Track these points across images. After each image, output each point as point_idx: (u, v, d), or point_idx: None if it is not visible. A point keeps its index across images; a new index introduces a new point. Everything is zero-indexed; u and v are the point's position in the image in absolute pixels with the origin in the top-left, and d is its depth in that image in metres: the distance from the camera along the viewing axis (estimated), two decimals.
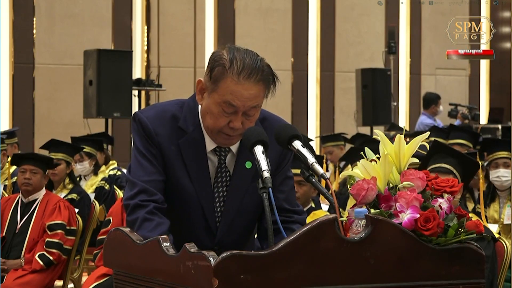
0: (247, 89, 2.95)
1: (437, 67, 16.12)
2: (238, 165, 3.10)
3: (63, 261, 6.34)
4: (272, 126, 3.12)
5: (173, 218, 3.05)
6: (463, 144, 8.55)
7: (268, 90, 3.03)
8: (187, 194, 3.06)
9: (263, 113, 3.15)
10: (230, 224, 3.11)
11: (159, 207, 3.00)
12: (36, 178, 6.40)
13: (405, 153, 2.75)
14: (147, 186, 3.02)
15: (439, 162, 4.81)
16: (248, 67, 2.96)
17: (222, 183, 3.10)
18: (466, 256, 2.61)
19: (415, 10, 15.97)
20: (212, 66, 3.00)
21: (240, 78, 2.95)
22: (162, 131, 3.05)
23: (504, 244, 4.64)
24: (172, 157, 3.05)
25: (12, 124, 12.48)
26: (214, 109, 2.99)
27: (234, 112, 2.97)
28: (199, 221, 3.09)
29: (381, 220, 2.53)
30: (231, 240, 3.10)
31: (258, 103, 3.00)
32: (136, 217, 2.97)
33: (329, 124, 14.96)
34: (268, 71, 3.02)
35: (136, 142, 3.09)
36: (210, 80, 3.00)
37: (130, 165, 3.13)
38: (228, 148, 3.10)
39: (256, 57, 3.00)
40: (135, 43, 13.52)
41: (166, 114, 3.09)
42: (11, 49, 12.68)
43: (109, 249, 2.91)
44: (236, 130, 3.00)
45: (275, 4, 14.65)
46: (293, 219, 3.16)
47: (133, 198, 3.02)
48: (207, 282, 2.41)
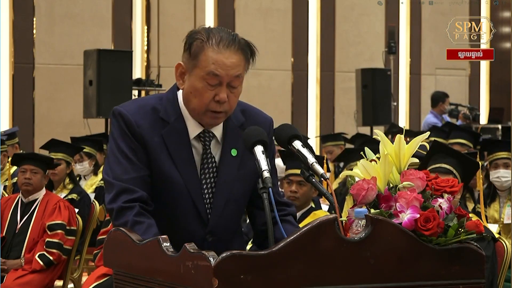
0: (228, 57, 2.98)
1: (437, 67, 16.12)
2: (224, 152, 3.11)
3: (63, 261, 6.34)
4: (252, 117, 3.16)
5: (163, 209, 3.05)
6: (464, 143, 8.56)
7: (248, 62, 3.04)
8: (174, 183, 3.04)
9: (242, 104, 3.17)
10: (221, 212, 3.09)
11: (144, 206, 2.98)
12: (37, 178, 6.40)
13: (405, 153, 2.75)
14: (126, 185, 2.99)
15: (439, 162, 4.81)
16: (226, 38, 3.00)
17: (209, 170, 3.09)
18: (466, 256, 2.61)
19: (415, 10, 15.97)
20: (189, 43, 3.02)
21: (220, 47, 2.98)
22: (143, 123, 3.04)
23: (504, 244, 4.64)
24: (156, 148, 3.04)
25: (12, 124, 12.47)
26: (198, 85, 3.00)
27: (218, 84, 2.98)
28: (189, 210, 3.07)
29: (381, 220, 2.53)
30: (223, 229, 3.10)
31: (240, 72, 3.01)
32: (125, 220, 2.95)
33: (329, 124, 14.96)
34: (244, 42, 3.05)
35: (114, 138, 3.06)
36: (190, 57, 3.02)
37: (106, 165, 3.10)
38: (212, 134, 3.10)
39: (231, 32, 3.05)
40: (135, 43, 13.53)
41: (146, 107, 3.08)
42: (11, 49, 12.68)
43: (109, 249, 2.90)
44: (222, 104, 2.99)
45: (275, 4, 14.65)
46: (286, 212, 3.18)
47: (115, 201, 2.99)
48: (207, 282, 2.41)
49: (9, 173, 7.66)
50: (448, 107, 13.44)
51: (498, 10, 16.10)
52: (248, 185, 3.12)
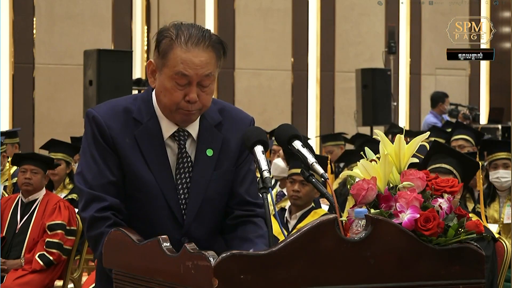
0: (197, 56, 2.89)
1: (437, 67, 16.12)
2: (199, 152, 3.04)
3: (63, 261, 6.34)
4: (231, 116, 3.10)
5: (138, 212, 3.00)
6: (467, 139, 8.55)
7: (219, 59, 2.96)
8: (148, 185, 2.98)
9: (221, 103, 3.11)
10: (196, 213, 3.03)
11: (116, 214, 2.94)
12: (37, 178, 6.40)
13: (405, 153, 2.74)
14: (96, 192, 2.94)
15: (439, 162, 4.82)
16: (195, 35, 2.91)
17: (184, 170, 3.02)
18: (466, 256, 2.60)
19: (415, 10, 15.97)
20: (158, 41, 2.94)
21: (189, 46, 2.89)
22: (114, 125, 2.97)
23: (504, 244, 4.64)
24: (128, 150, 2.97)
25: (12, 124, 12.48)
26: (168, 84, 2.92)
27: (188, 84, 2.90)
28: (164, 212, 3.00)
29: (381, 220, 2.53)
30: (198, 231, 3.03)
31: (211, 70, 2.92)
32: (99, 232, 2.91)
33: (329, 124, 14.96)
34: (216, 39, 2.95)
35: (86, 143, 3.01)
36: (159, 55, 2.93)
37: (77, 170, 3.04)
38: (188, 133, 3.03)
39: (202, 28, 2.96)
40: (135, 43, 13.53)
41: (118, 107, 3.01)
42: (11, 49, 12.68)
43: (109, 249, 2.90)
44: (193, 104, 2.92)
45: (275, 4, 14.65)
46: (255, 213, 3.10)
47: (87, 210, 2.94)
48: (207, 282, 2.41)
49: (9, 173, 7.66)
50: (448, 107, 13.44)
51: (498, 10, 16.11)
52: (224, 185, 3.06)
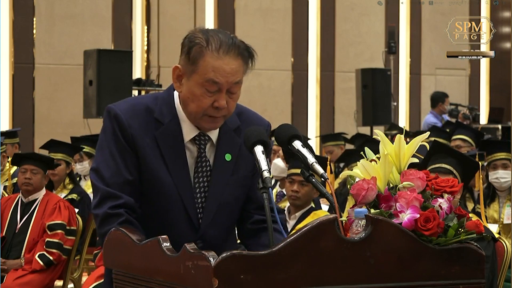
0: (228, 63, 2.90)
1: (437, 67, 16.12)
2: (218, 156, 3.04)
3: (63, 261, 6.34)
4: (248, 120, 3.10)
5: (153, 213, 2.99)
6: (465, 140, 8.55)
7: (247, 66, 2.97)
8: (165, 186, 2.97)
9: (239, 107, 3.10)
10: (212, 217, 3.03)
11: (130, 213, 2.93)
12: (37, 178, 6.40)
13: (405, 153, 2.74)
14: (111, 190, 2.92)
15: (439, 162, 4.82)
16: (225, 43, 2.92)
17: (203, 174, 3.02)
18: (466, 256, 2.60)
19: (415, 10, 15.97)
20: (188, 47, 2.94)
21: (220, 53, 2.90)
22: (135, 123, 2.96)
23: (504, 244, 4.64)
24: (148, 150, 2.96)
25: (12, 124, 12.48)
26: (197, 91, 2.92)
27: (218, 91, 2.91)
28: (180, 214, 3.00)
29: (381, 220, 2.53)
30: (214, 234, 3.03)
31: (240, 78, 2.94)
32: (109, 228, 2.88)
33: (329, 124, 14.96)
34: (244, 46, 2.96)
35: (104, 138, 2.98)
36: (189, 61, 2.93)
37: (93, 165, 3.02)
38: (208, 137, 3.03)
39: (229, 35, 2.97)
40: (135, 43, 13.53)
41: (140, 106, 3.00)
42: (11, 49, 12.68)
43: (109, 249, 2.90)
44: (221, 110, 2.93)
45: (275, 4, 14.65)
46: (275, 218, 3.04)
47: (101, 207, 2.92)
48: (207, 282, 2.41)
49: (9, 173, 7.66)
50: (448, 107, 13.44)
51: (498, 10, 16.10)
52: (241, 190, 3.07)
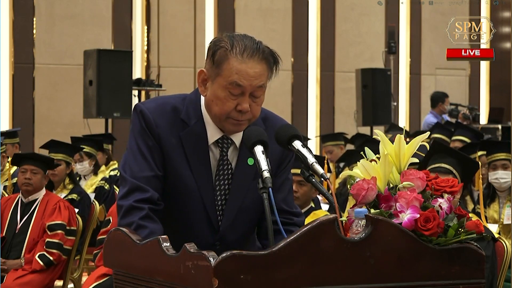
0: (252, 67, 2.94)
1: (437, 67, 16.12)
2: (240, 160, 3.07)
3: (63, 261, 6.34)
4: (274, 125, 3.10)
5: (174, 211, 3.03)
6: (464, 141, 8.57)
7: (271, 71, 3.02)
8: (187, 186, 3.02)
9: (264, 112, 3.13)
10: (232, 220, 3.07)
11: (154, 208, 2.96)
12: (37, 178, 6.40)
13: (405, 153, 2.74)
14: (139, 183, 2.97)
15: (439, 162, 4.82)
16: (250, 47, 2.96)
17: (224, 177, 3.06)
18: (466, 256, 2.60)
19: (415, 10, 15.97)
20: (213, 51, 2.98)
21: (244, 57, 2.94)
22: (162, 123, 3.02)
23: (504, 244, 4.64)
24: (173, 149, 3.01)
25: (12, 124, 12.48)
26: (221, 94, 2.96)
27: (241, 94, 2.95)
28: (200, 215, 3.04)
29: (381, 220, 2.53)
30: (233, 237, 3.07)
31: (264, 82, 2.98)
32: (130, 221, 2.92)
33: (329, 124, 14.96)
34: (268, 51, 3.01)
35: (133, 134, 3.05)
36: (213, 65, 2.97)
37: (123, 160, 3.08)
38: (231, 140, 3.07)
39: (255, 40, 3.01)
40: (135, 43, 13.53)
41: (167, 106, 3.06)
42: (11, 49, 12.68)
43: (109, 249, 2.90)
44: (244, 113, 2.96)
45: (275, 4, 14.65)
46: (293, 221, 3.12)
47: (127, 198, 2.97)
48: (207, 282, 2.41)
49: (9, 173, 7.66)
50: (448, 107, 13.44)
51: (498, 10, 16.10)
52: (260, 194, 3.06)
